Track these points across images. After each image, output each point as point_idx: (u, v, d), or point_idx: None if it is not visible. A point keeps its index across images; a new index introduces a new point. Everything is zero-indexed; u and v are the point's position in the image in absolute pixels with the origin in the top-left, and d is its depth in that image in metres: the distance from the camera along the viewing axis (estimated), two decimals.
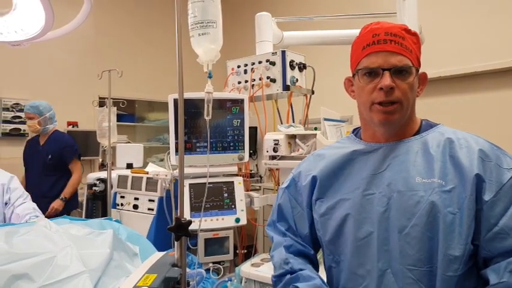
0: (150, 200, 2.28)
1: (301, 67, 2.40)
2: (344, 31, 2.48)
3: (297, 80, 2.36)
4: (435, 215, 0.92)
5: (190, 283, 1.45)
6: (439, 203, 0.92)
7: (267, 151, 2.17)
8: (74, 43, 4.41)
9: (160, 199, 2.23)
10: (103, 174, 2.83)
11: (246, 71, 2.45)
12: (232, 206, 2.11)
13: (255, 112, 2.41)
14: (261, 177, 4.34)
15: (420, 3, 2.29)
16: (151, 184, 2.28)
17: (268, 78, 2.32)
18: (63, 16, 1.79)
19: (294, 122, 2.38)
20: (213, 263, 2.04)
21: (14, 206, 2.11)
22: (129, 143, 4.48)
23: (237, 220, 2.08)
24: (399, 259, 0.94)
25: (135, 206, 2.33)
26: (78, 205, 3.52)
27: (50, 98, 3.76)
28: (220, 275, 2.01)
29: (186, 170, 1.65)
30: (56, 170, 3.35)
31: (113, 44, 4.98)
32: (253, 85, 2.38)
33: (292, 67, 2.32)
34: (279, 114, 2.49)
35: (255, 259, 2.13)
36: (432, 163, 0.96)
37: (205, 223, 1.99)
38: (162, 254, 1.37)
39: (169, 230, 1.15)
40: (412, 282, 0.92)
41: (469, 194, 0.90)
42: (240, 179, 2.21)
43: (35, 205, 2.20)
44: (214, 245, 2.07)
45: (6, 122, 4.30)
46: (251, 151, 3.30)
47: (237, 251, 2.25)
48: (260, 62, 2.37)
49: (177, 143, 2.00)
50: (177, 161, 1.25)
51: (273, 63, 2.30)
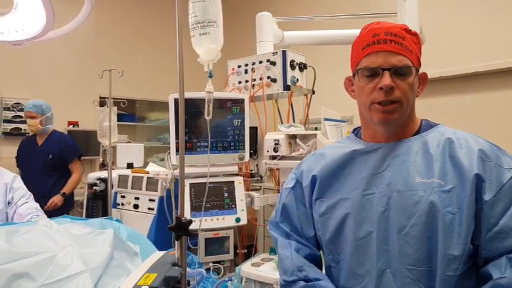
0: (150, 200, 2.28)
1: (302, 67, 2.40)
2: (344, 31, 2.48)
3: (297, 80, 2.36)
4: (434, 214, 0.92)
5: (191, 282, 1.45)
6: (438, 203, 0.92)
7: (268, 151, 2.17)
8: (75, 43, 4.41)
9: (161, 199, 2.23)
10: (103, 174, 2.84)
11: (246, 71, 2.45)
12: (233, 206, 2.11)
13: (256, 112, 2.41)
14: (261, 177, 4.35)
15: (421, 3, 2.29)
16: (151, 184, 2.28)
17: (268, 78, 2.32)
18: (64, 16, 1.80)
19: (294, 122, 2.38)
20: (214, 262, 2.04)
21: (16, 205, 2.12)
22: (129, 142, 4.49)
23: (238, 220, 2.08)
24: (398, 259, 0.94)
25: (136, 206, 2.33)
26: (73, 207, 3.52)
27: (50, 97, 3.76)
28: (220, 275, 2.01)
29: (187, 170, 1.65)
30: (57, 170, 3.35)
31: (113, 44, 4.99)
32: (253, 85, 2.38)
33: (292, 67, 2.32)
34: (280, 114, 2.49)
35: (255, 259, 2.13)
36: (432, 163, 0.97)
37: (205, 223, 1.99)
38: (163, 253, 1.37)
39: (169, 230, 1.15)
40: (411, 282, 0.93)
41: (468, 194, 0.90)
42: (240, 178, 2.21)
43: (37, 205, 2.21)
44: (215, 244, 2.07)
45: (6, 121, 4.31)
46: (251, 151, 3.31)
47: (237, 251, 2.25)
48: (261, 62, 2.37)
49: (177, 143, 2.00)
50: (178, 160, 1.26)
51: (273, 63, 2.31)
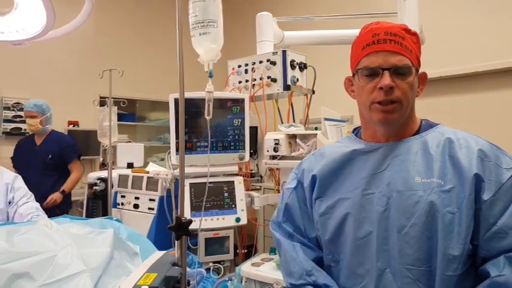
0: (150, 200, 2.28)
1: (302, 67, 2.40)
2: (345, 31, 2.48)
3: (297, 80, 2.36)
4: (434, 214, 0.92)
5: (191, 282, 1.45)
6: (438, 203, 0.92)
7: (268, 151, 2.17)
8: (75, 43, 4.41)
9: (161, 198, 2.23)
10: (104, 174, 2.84)
11: (246, 71, 2.45)
12: (233, 206, 2.11)
13: (256, 112, 2.41)
14: (261, 176, 4.35)
15: (421, 3, 2.29)
16: (151, 183, 2.28)
17: (268, 77, 2.32)
18: (64, 16, 1.80)
19: (294, 121, 2.39)
20: (214, 262, 2.05)
21: (17, 205, 2.12)
22: (129, 142, 4.50)
23: (238, 220, 2.08)
24: (398, 258, 0.94)
25: (136, 206, 2.33)
26: (71, 207, 3.51)
27: (50, 97, 3.76)
28: (220, 275, 2.01)
29: (187, 170, 1.65)
30: (56, 170, 3.35)
31: (113, 44, 4.99)
32: (253, 85, 2.38)
33: (292, 67, 2.32)
34: (280, 114, 2.49)
35: (255, 259, 2.13)
36: (432, 163, 0.97)
37: (205, 222, 1.99)
38: (163, 253, 1.37)
39: (169, 230, 1.15)
40: (410, 282, 0.92)
41: (468, 194, 0.90)
42: (240, 178, 2.21)
43: (38, 205, 2.21)
44: (215, 244, 2.07)
45: (7, 121, 4.31)
46: (251, 151, 3.31)
47: (238, 251, 2.25)
48: (261, 62, 2.37)
49: (177, 143, 2.00)
50: (178, 160, 1.26)
51: (273, 63, 2.31)
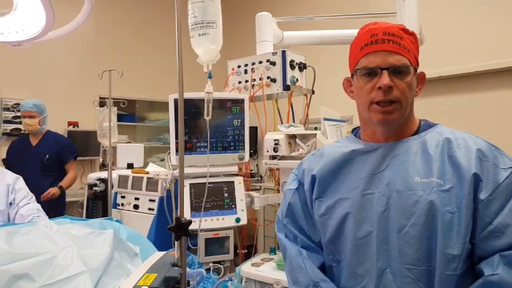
0: (150, 200, 2.28)
1: (302, 67, 2.41)
2: (344, 31, 2.48)
3: (297, 80, 2.36)
4: (434, 214, 0.92)
5: (191, 283, 1.45)
6: (438, 202, 0.92)
7: (267, 151, 2.17)
8: (74, 43, 4.41)
9: (161, 199, 2.23)
10: (103, 174, 2.84)
11: (246, 71, 2.45)
12: (233, 206, 2.11)
13: (255, 112, 2.41)
14: (261, 177, 4.34)
15: (420, 3, 2.29)
16: (151, 184, 2.29)
17: (268, 78, 2.33)
18: (64, 16, 1.80)
19: (294, 121, 2.39)
20: (214, 262, 2.05)
21: (18, 206, 2.12)
22: (129, 143, 4.49)
23: (238, 220, 2.08)
24: (398, 258, 0.94)
25: (136, 206, 2.33)
26: (65, 208, 3.51)
27: (50, 97, 3.76)
28: (220, 275, 2.01)
29: (187, 170, 1.65)
30: (53, 171, 3.34)
31: (113, 44, 4.99)
32: (253, 85, 2.39)
33: (292, 67, 2.32)
34: (279, 114, 2.49)
35: (255, 259, 2.13)
36: (431, 163, 0.97)
37: (205, 223, 1.99)
38: (163, 253, 1.37)
39: (169, 230, 1.16)
40: (410, 281, 0.93)
41: (467, 193, 0.91)
42: (240, 178, 2.21)
43: (39, 206, 2.21)
44: (215, 244, 2.08)
45: (6, 122, 4.31)
46: (251, 151, 3.31)
47: (238, 251, 2.25)
48: (260, 62, 2.37)
49: (177, 143, 2.00)
50: (178, 161, 1.26)
51: (273, 63, 2.31)
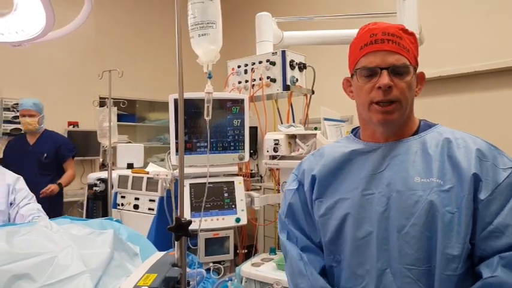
0: (150, 200, 2.28)
1: (302, 67, 2.41)
2: (344, 31, 2.48)
3: (297, 80, 2.36)
4: (434, 214, 0.92)
5: (191, 283, 1.45)
6: (438, 202, 0.92)
7: (267, 151, 2.17)
8: (75, 43, 4.41)
9: (161, 199, 2.23)
10: (104, 174, 2.84)
11: (246, 71, 2.45)
12: (233, 206, 2.11)
13: (255, 112, 2.41)
14: (261, 177, 4.34)
15: (420, 3, 2.29)
16: (151, 184, 2.29)
17: (268, 78, 2.33)
18: (64, 16, 1.80)
19: (294, 121, 2.39)
20: (214, 262, 2.05)
21: (19, 206, 2.12)
22: (129, 143, 4.49)
23: (238, 220, 2.08)
24: (398, 258, 0.94)
25: (136, 206, 2.33)
26: (62, 209, 3.50)
27: (50, 97, 3.76)
28: (220, 275, 2.01)
29: (187, 170, 1.65)
30: (51, 170, 3.33)
31: (113, 44, 4.99)
32: (253, 85, 2.39)
33: (292, 67, 2.32)
34: (279, 114, 2.49)
35: (255, 259, 2.13)
36: (431, 163, 0.97)
37: (205, 223, 1.99)
38: (163, 253, 1.37)
39: (169, 230, 1.16)
40: (411, 282, 0.92)
41: (467, 194, 0.91)
42: (240, 178, 2.21)
43: (39, 206, 2.21)
44: (215, 244, 2.08)
45: (7, 122, 4.31)
46: (251, 151, 3.31)
47: (238, 251, 2.25)
48: (260, 62, 2.37)
49: (177, 143, 2.00)
50: (178, 160, 1.26)
51: (273, 63, 2.31)
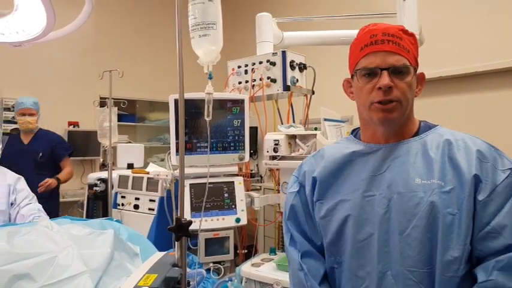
0: (150, 200, 2.28)
1: (302, 67, 2.41)
2: (344, 31, 2.48)
3: (297, 80, 2.36)
4: (435, 215, 0.92)
5: (191, 283, 1.45)
6: (439, 204, 0.92)
7: (268, 151, 2.17)
8: (75, 43, 4.41)
9: (161, 199, 2.23)
10: (104, 174, 2.84)
11: (246, 71, 2.45)
12: (233, 206, 2.11)
13: (256, 112, 2.41)
14: (261, 177, 4.34)
15: (420, 4, 2.29)
16: (152, 184, 2.29)
17: (268, 78, 2.33)
18: (64, 16, 1.80)
19: (294, 122, 2.39)
20: (214, 262, 2.05)
21: (19, 206, 2.12)
22: (129, 143, 4.49)
23: (238, 220, 2.08)
24: (399, 261, 0.94)
25: (136, 206, 2.33)
26: (59, 209, 3.49)
27: (50, 97, 3.76)
28: (220, 275, 2.01)
29: (187, 170, 1.65)
30: (47, 169, 3.30)
31: (113, 44, 4.99)
32: (253, 85, 2.39)
33: (292, 67, 2.32)
34: (280, 114, 2.49)
35: (256, 259, 2.13)
36: (431, 164, 0.96)
37: (205, 223, 1.99)
38: (163, 254, 1.37)
39: (169, 230, 1.16)
40: (412, 284, 0.92)
41: (467, 195, 0.90)
42: (240, 179, 2.22)
43: (40, 206, 2.21)
44: (215, 245, 2.08)
45: (6, 122, 4.30)
46: (251, 151, 3.31)
47: (238, 251, 2.25)
48: (260, 63, 2.37)
49: (177, 143, 2.00)
50: (178, 161, 1.26)
51: (273, 64, 2.31)
